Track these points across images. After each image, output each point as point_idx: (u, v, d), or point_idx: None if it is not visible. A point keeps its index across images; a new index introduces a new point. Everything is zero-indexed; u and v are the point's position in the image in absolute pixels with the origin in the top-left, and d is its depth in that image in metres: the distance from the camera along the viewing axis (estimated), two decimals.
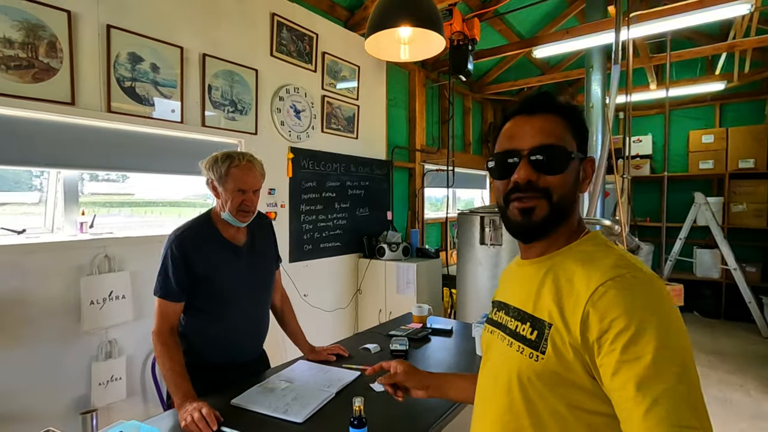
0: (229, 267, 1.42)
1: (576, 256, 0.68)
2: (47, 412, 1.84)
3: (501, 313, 0.77)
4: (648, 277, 0.60)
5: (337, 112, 3.28)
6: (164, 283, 1.34)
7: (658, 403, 0.52)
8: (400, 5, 1.55)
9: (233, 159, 1.36)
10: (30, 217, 2.02)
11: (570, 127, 0.71)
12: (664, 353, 0.53)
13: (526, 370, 0.65)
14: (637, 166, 5.61)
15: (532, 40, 3.69)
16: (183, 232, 1.38)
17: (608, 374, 0.57)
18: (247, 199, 1.38)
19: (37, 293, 1.81)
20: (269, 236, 1.62)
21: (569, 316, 0.62)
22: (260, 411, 1.26)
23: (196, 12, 2.33)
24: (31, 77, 1.75)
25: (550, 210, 0.69)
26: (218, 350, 1.45)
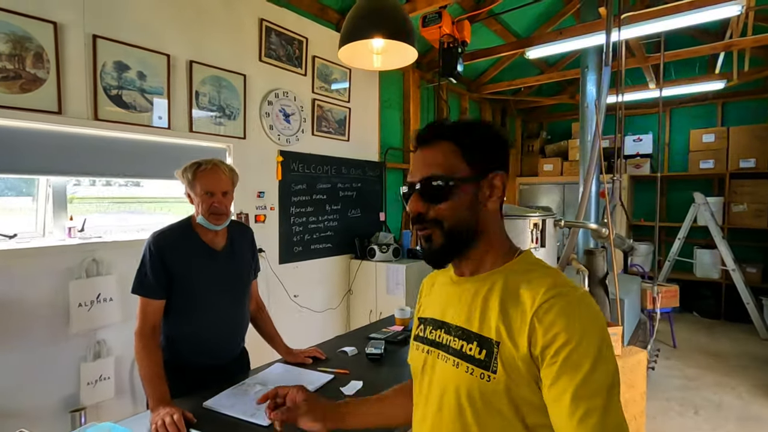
0: (205, 269, 1.48)
1: (518, 276, 0.70)
2: (38, 410, 1.91)
3: (439, 332, 0.75)
4: (584, 294, 0.65)
5: (327, 115, 3.31)
6: (143, 280, 1.40)
7: (589, 414, 0.56)
8: (373, 17, 1.58)
9: (200, 165, 1.44)
10: (22, 222, 2.08)
11: (461, 151, 0.71)
12: (598, 368, 0.58)
13: (478, 392, 0.66)
14: (638, 165, 5.56)
15: (525, 41, 3.69)
16: (161, 233, 1.46)
17: (547, 383, 0.60)
18: (216, 201, 1.43)
19: (28, 296, 1.87)
20: (250, 247, 1.67)
21: (516, 332, 0.64)
22: (229, 414, 1.30)
23: (183, 20, 2.38)
24: (18, 88, 1.81)
25: (444, 237, 0.71)
26: (194, 350, 1.50)
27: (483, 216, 0.73)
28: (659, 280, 4.93)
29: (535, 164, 6.34)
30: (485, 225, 0.73)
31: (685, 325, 4.81)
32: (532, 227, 2.56)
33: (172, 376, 1.42)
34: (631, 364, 2.42)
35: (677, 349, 4.07)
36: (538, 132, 6.69)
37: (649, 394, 3.10)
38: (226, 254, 1.54)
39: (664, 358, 3.83)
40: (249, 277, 1.66)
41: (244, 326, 1.65)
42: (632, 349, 2.54)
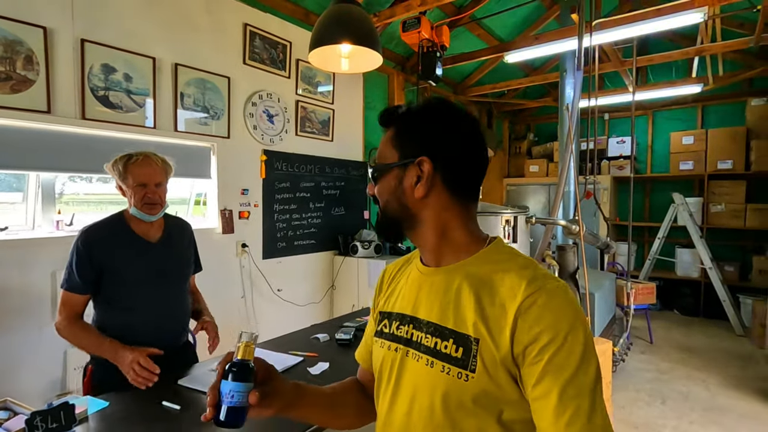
0: (137, 261, 1.46)
1: (490, 266, 0.67)
2: (27, 394, 2.01)
3: (407, 328, 0.71)
4: (564, 287, 0.62)
5: (311, 116, 3.44)
6: (69, 276, 1.40)
7: (578, 413, 0.55)
8: (341, 24, 1.70)
9: (131, 156, 1.44)
10: (12, 217, 2.19)
11: (395, 137, 0.71)
12: (584, 365, 0.56)
13: (455, 392, 0.62)
14: (620, 166, 5.69)
15: (504, 45, 3.82)
16: (89, 227, 1.45)
17: (530, 383, 0.58)
18: (149, 192, 1.43)
19: (17, 285, 1.98)
20: (189, 241, 1.67)
21: (497, 329, 0.61)
22: (201, 389, 1.41)
23: (168, 24, 2.50)
24: (9, 88, 1.92)
25: (381, 216, 0.75)
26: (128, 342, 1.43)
27: (413, 202, 0.69)
28: (641, 278, 5.06)
29: (522, 165, 6.47)
30: (421, 211, 0.70)
31: (664, 323, 4.93)
32: (504, 223, 2.70)
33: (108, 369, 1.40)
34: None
35: (653, 344, 4.19)
36: (525, 134, 6.83)
37: (620, 386, 3.22)
38: (162, 247, 1.52)
39: (639, 353, 3.95)
40: (187, 271, 1.64)
41: (183, 319, 1.62)
42: (598, 339, 2.67)
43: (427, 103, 0.72)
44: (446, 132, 0.69)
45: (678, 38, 4.89)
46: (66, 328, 1.41)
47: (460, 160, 0.69)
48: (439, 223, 0.70)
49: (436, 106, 0.71)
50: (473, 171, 0.71)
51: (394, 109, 0.73)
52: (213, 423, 0.62)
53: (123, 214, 1.51)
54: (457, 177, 0.69)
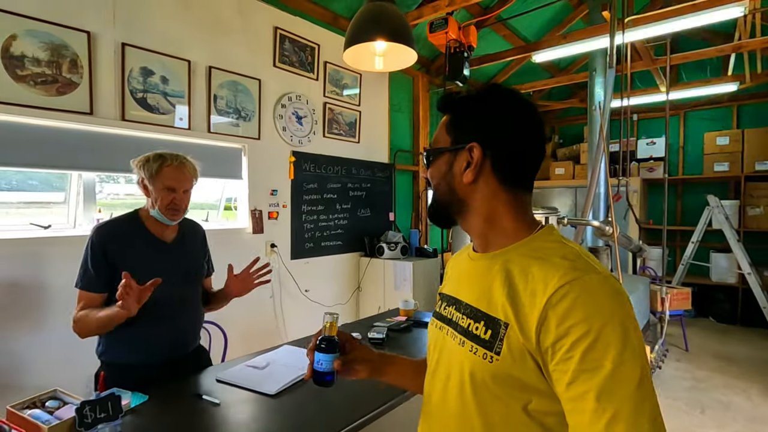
0: (151, 260, 1.43)
1: (530, 253, 0.65)
2: (64, 387, 2.07)
3: (451, 309, 0.73)
4: (605, 279, 0.58)
5: (338, 117, 3.46)
6: (84, 274, 1.37)
7: (618, 417, 0.51)
8: (375, 22, 1.71)
9: (165, 158, 1.41)
10: (56, 215, 2.27)
11: (449, 122, 0.72)
12: (624, 363, 0.52)
13: (480, 372, 0.63)
14: (651, 168, 5.53)
15: (531, 46, 3.77)
16: (104, 224, 1.42)
17: (564, 381, 0.55)
18: (177, 198, 1.41)
19: (57, 281, 2.05)
20: (201, 244, 1.64)
21: (525, 317, 0.59)
22: (240, 384, 1.42)
23: (203, 28, 2.56)
24: (55, 91, 2.00)
25: (433, 200, 0.76)
26: (140, 347, 1.42)
27: (462, 187, 0.70)
28: (673, 284, 4.89)
29: (546, 168, 6.36)
30: (469, 197, 0.70)
31: (700, 330, 4.74)
32: None
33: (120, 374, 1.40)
34: None
35: (689, 352, 4.04)
36: (550, 136, 6.72)
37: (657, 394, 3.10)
38: (176, 247, 1.50)
39: (675, 360, 3.81)
40: (200, 273, 1.60)
41: (196, 323, 1.58)
42: None
43: (484, 89, 0.71)
44: (499, 119, 0.68)
45: (711, 36, 4.74)
46: (78, 320, 1.38)
47: (512, 149, 0.68)
48: (486, 209, 0.70)
49: (492, 93, 0.70)
50: (525, 159, 0.69)
51: (453, 94, 0.73)
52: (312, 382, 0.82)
53: (138, 213, 1.48)
54: (507, 165, 0.68)
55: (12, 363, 1.93)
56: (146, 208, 1.47)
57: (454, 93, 0.73)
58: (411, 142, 4.40)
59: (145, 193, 1.45)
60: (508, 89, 0.71)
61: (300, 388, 1.42)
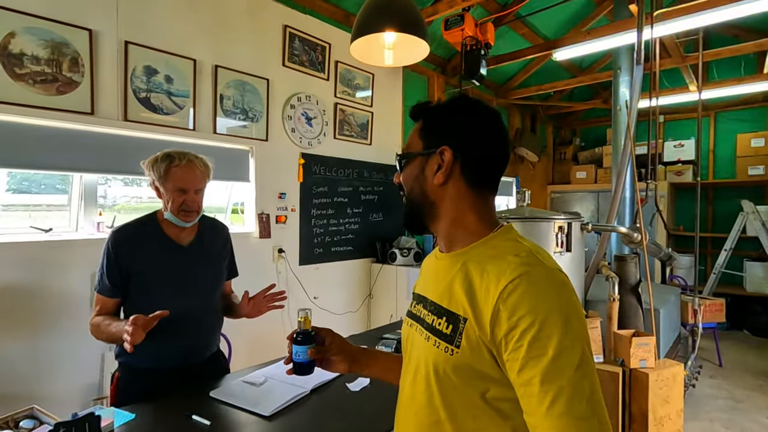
0: (165, 263, 1.38)
1: (487, 252, 0.70)
2: (63, 396, 1.99)
3: (419, 307, 0.79)
4: (549, 272, 0.63)
5: (350, 119, 3.35)
6: (100, 278, 1.35)
7: (558, 398, 0.55)
8: (384, 11, 1.59)
9: (173, 158, 1.35)
10: (57, 218, 2.22)
11: (421, 128, 0.77)
12: (565, 348, 0.57)
13: (442, 364, 0.67)
14: (679, 172, 5.25)
15: (552, 43, 3.60)
16: (119, 229, 1.38)
17: (515, 369, 0.59)
18: (189, 199, 1.35)
19: (58, 286, 1.98)
20: (224, 245, 1.57)
21: (481, 312, 0.63)
22: (234, 403, 1.31)
23: (209, 26, 2.49)
24: (55, 90, 1.94)
25: (406, 202, 0.80)
26: (154, 352, 1.36)
27: (432, 189, 0.74)
28: (704, 294, 4.61)
29: (567, 172, 6.13)
30: (439, 198, 0.74)
31: (734, 343, 4.45)
32: (557, 230, 2.46)
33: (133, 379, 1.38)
34: (666, 378, 2.25)
35: (723, 368, 3.76)
36: (571, 139, 6.49)
37: (691, 414, 2.87)
38: (194, 250, 1.44)
39: (708, 377, 3.55)
40: (219, 277, 1.54)
41: (213, 329, 1.53)
42: (667, 361, 2.37)
43: (453, 98, 0.77)
44: (468, 125, 0.73)
45: (743, 32, 4.47)
46: (92, 324, 1.35)
47: (479, 152, 0.73)
48: (454, 210, 0.74)
49: (461, 101, 0.76)
50: (491, 163, 0.74)
51: (425, 104, 0.79)
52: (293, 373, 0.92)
53: (156, 215, 1.43)
54: (475, 168, 0.73)
55: (11, 371, 1.86)
56: (162, 210, 1.42)
57: (426, 102, 0.79)
58: None
59: (157, 195, 1.40)
60: (476, 99, 0.76)
61: (297, 409, 1.30)
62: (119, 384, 1.40)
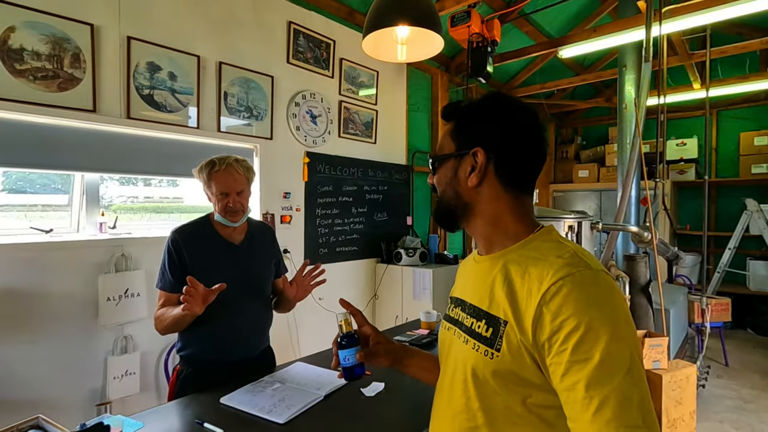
0: (222, 262, 1.48)
1: (528, 253, 0.68)
2: (65, 401, 1.94)
3: (458, 310, 0.77)
4: (596, 274, 0.60)
5: (354, 117, 3.30)
6: (162, 276, 1.45)
7: (605, 404, 0.53)
8: (397, 4, 1.54)
9: (214, 164, 1.45)
10: (58, 218, 2.16)
11: (453, 129, 0.76)
12: (612, 353, 0.54)
13: (482, 368, 0.66)
14: (682, 170, 5.24)
15: (558, 41, 3.56)
16: (179, 228, 1.49)
17: (558, 374, 0.57)
18: (231, 201, 1.45)
19: (59, 288, 1.92)
20: (271, 244, 1.67)
21: (522, 315, 0.62)
22: (246, 410, 1.26)
23: (213, 22, 2.43)
24: (56, 87, 1.88)
25: (438, 202, 0.79)
26: (212, 346, 1.47)
27: (467, 191, 0.73)
28: (708, 293, 4.59)
29: (569, 171, 6.11)
30: (474, 200, 0.73)
31: (738, 342, 4.43)
32: (567, 230, 2.43)
33: (192, 372, 1.46)
34: (679, 379, 2.22)
35: (729, 367, 3.74)
36: (573, 137, 6.46)
37: (701, 415, 2.84)
38: (245, 249, 1.54)
39: (715, 377, 3.53)
40: (269, 275, 1.63)
41: (265, 324, 1.62)
42: (679, 362, 2.33)
43: (486, 97, 0.74)
44: (502, 125, 0.71)
45: (747, 31, 4.45)
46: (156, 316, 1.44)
47: (514, 153, 0.71)
48: (490, 212, 0.73)
49: (494, 100, 0.73)
50: (527, 164, 0.72)
51: (456, 103, 0.77)
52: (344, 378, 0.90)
53: (209, 217, 1.53)
54: (510, 169, 0.71)
55: (11, 377, 1.80)
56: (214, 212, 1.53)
57: (458, 102, 0.77)
58: (430, 143, 4.21)
59: (209, 199, 1.51)
60: (510, 97, 0.74)
61: (313, 415, 1.25)
62: (179, 377, 1.48)
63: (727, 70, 4.87)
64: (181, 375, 1.47)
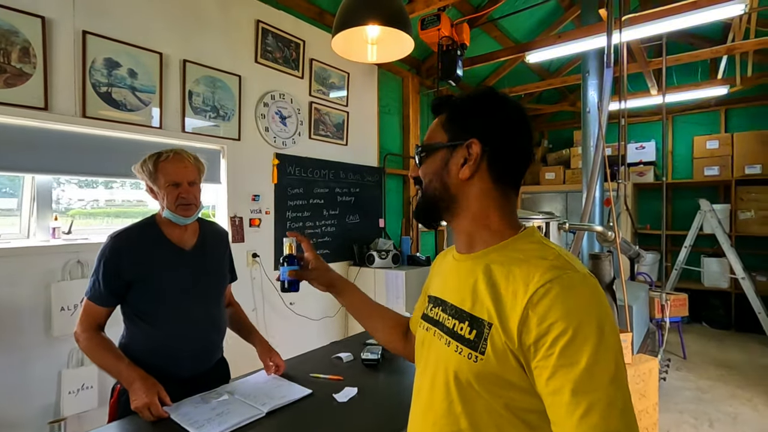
0: (169, 269, 1.34)
1: (512, 254, 0.67)
2: (15, 420, 1.80)
3: (437, 310, 0.75)
4: (583, 277, 0.59)
5: (325, 118, 3.26)
6: (93, 285, 1.29)
7: (591, 410, 0.52)
8: (367, 3, 1.52)
9: (161, 154, 1.33)
10: (5, 224, 2.01)
11: (446, 120, 0.74)
12: (599, 359, 0.54)
13: (465, 371, 0.64)
14: (641, 173, 5.48)
15: (525, 45, 3.65)
16: (119, 234, 1.32)
17: (543, 377, 0.56)
18: (183, 191, 1.32)
19: (8, 298, 1.79)
20: (225, 249, 1.54)
21: (507, 317, 0.61)
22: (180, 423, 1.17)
23: (177, 19, 2.34)
24: (2, 82, 1.75)
25: (421, 198, 0.76)
26: (161, 359, 1.33)
27: (456, 184, 0.71)
28: (667, 289, 4.80)
29: (537, 173, 6.28)
30: (462, 194, 0.72)
31: (695, 336, 4.66)
32: None
33: None
34: (642, 373, 2.30)
35: (687, 360, 3.93)
36: (540, 141, 6.65)
37: (662, 406, 2.96)
38: (197, 254, 1.40)
39: (675, 369, 3.69)
40: (223, 281, 1.52)
41: (220, 334, 1.49)
42: (642, 357, 2.42)
43: (480, 90, 0.73)
44: (498, 119, 0.70)
45: (698, 41, 4.72)
46: (84, 341, 1.29)
47: (508, 147, 0.70)
48: (477, 207, 0.71)
49: (490, 94, 0.72)
50: (519, 160, 0.72)
51: (447, 96, 0.76)
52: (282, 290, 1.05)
53: (155, 219, 1.38)
54: (503, 163, 0.70)
55: None
56: (160, 212, 1.37)
57: (448, 96, 0.76)
58: (401, 145, 4.22)
59: (153, 197, 1.36)
60: (503, 93, 0.74)
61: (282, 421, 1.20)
62: (121, 398, 1.29)
63: (682, 77, 5.14)
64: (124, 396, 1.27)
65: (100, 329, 1.32)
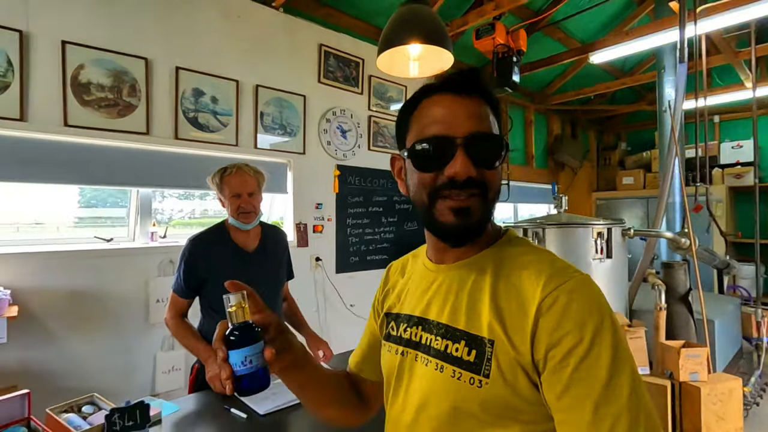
0: (235, 268, 1.54)
1: (505, 261, 0.60)
2: (118, 393, 2.16)
3: (415, 330, 0.65)
4: (585, 279, 0.55)
5: (384, 130, 3.44)
6: (176, 280, 1.56)
7: (616, 426, 0.48)
8: (408, 24, 1.66)
9: (226, 169, 1.55)
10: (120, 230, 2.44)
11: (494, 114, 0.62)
12: (618, 369, 0.50)
13: (467, 400, 0.56)
14: (738, 174, 4.90)
15: (588, 46, 3.53)
16: (196, 237, 1.57)
17: (557, 390, 0.51)
18: (243, 202, 1.52)
19: (115, 291, 2.17)
20: (284, 250, 1.74)
21: (515, 330, 0.55)
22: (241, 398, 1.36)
23: (250, 49, 2.67)
24: (116, 113, 2.16)
25: (483, 208, 0.60)
26: None
27: None
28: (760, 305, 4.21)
29: (613, 178, 5.89)
30: None
31: None
32: (596, 237, 2.39)
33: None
34: (720, 393, 2.09)
35: None
36: (616, 143, 6.23)
37: None
38: (258, 256, 1.61)
39: None
40: (281, 279, 1.71)
41: None
42: (722, 375, 2.20)
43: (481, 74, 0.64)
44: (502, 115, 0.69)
45: None
46: (172, 326, 1.56)
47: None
48: None
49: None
50: None
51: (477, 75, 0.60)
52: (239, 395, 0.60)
53: (224, 224, 1.61)
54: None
55: (75, 367, 2.05)
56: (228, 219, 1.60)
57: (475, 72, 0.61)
58: None
59: (222, 206, 1.58)
60: None
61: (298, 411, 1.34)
62: (198, 376, 1.57)
63: None
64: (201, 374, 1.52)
65: (184, 316, 1.59)
